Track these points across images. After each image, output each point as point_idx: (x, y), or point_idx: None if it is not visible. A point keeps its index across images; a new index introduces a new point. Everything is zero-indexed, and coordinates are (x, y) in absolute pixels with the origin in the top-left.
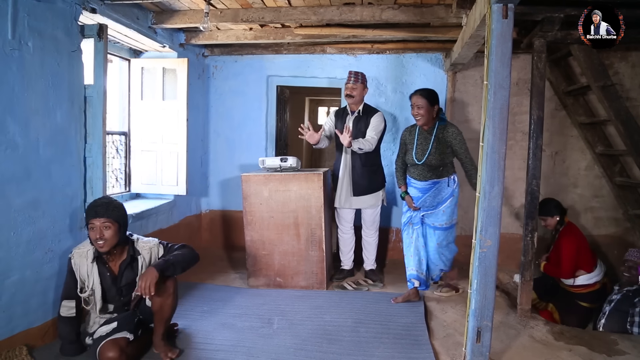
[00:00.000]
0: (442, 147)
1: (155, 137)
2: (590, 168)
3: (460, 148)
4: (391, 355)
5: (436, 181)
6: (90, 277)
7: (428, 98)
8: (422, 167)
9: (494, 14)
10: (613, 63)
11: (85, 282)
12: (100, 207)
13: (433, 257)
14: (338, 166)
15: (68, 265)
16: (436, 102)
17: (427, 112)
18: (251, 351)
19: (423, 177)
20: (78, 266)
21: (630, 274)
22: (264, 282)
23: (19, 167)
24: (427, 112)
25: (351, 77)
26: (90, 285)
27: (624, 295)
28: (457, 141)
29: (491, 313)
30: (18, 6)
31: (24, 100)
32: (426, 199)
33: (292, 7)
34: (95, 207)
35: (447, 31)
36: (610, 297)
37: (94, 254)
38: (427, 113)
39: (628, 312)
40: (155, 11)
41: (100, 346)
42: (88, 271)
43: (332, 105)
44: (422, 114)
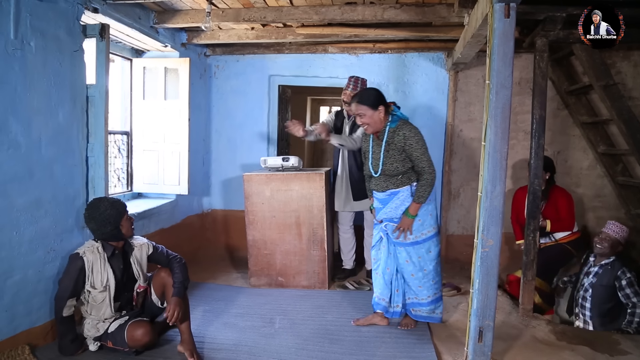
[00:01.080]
0: (395, 153)
1: (157, 137)
2: (592, 167)
3: (415, 151)
4: (393, 355)
5: (395, 191)
6: (104, 273)
7: (367, 102)
8: (379, 177)
9: (496, 13)
10: (615, 62)
11: (99, 278)
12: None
13: (408, 279)
14: (336, 169)
15: (77, 264)
16: (379, 102)
17: (371, 119)
18: (253, 350)
19: (381, 187)
20: (91, 263)
21: (602, 246)
22: (266, 281)
23: (22, 166)
24: (371, 119)
25: (350, 84)
26: (104, 281)
27: (604, 269)
28: (409, 144)
29: (493, 312)
30: (20, 6)
31: (27, 100)
32: (387, 212)
33: (293, 6)
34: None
35: (449, 30)
36: (587, 269)
37: (107, 249)
38: (371, 119)
39: (614, 285)
40: (157, 11)
41: (127, 329)
42: (101, 267)
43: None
44: (367, 122)
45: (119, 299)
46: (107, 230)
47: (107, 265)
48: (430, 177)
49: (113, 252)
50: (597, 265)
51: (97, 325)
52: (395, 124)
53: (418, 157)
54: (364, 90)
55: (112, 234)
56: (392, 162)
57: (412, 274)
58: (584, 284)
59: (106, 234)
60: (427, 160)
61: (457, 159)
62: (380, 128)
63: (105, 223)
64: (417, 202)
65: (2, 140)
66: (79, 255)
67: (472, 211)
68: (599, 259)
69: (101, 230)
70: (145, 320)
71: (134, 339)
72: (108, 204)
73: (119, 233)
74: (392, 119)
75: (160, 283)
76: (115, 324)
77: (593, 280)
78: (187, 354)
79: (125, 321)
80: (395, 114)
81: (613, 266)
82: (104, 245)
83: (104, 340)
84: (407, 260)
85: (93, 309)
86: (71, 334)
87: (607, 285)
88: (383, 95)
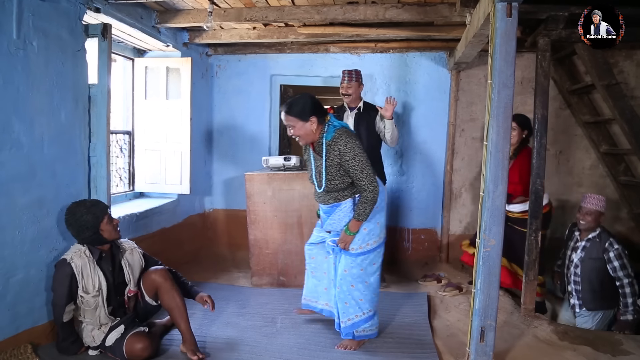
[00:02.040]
0: (333, 169)
1: (159, 136)
2: (594, 167)
3: (352, 168)
4: (394, 355)
5: (337, 204)
6: (95, 277)
7: (296, 113)
8: (321, 192)
9: (498, 12)
10: (618, 62)
11: (90, 282)
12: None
13: (340, 289)
14: None
15: (64, 270)
16: (311, 112)
17: (302, 130)
18: (255, 350)
19: (324, 200)
20: (80, 267)
21: (586, 221)
22: (268, 281)
23: (24, 166)
24: (302, 130)
25: (345, 77)
26: (96, 285)
27: (592, 242)
28: (345, 160)
29: (495, 312)
30: (23, 6)
31: (29, 100)
32: (331, 223)
33: (295, 6)
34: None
35: (450, 30)
36: (573, 244)
37: (94, 253)
38: (302, 131)
39: (603, 258)
40: (159, 10)
41: (125, 342)
42: (91, 271)
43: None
44: (298, 134)
45: (111, 303)
46: (87, 235)
47: (97, 268)
48: (371, 195)
49: (100, 255)
50: (584, 240)
51: (92, 333)
52: (331, 136)
53: (356, 174)
54: (295, 99)
55: (93, 238)
56: (331, 179)
57: (352, 285)
58: (573, 259)
59: (86, 239)
60: (367, 177)
61: (459, 158)
62: (315, 140)
63: (82, 229)
64: (358, 219)
65: (4, 139)
66: (66, 261)
67: (474, 211)
68: (584, 234)
69: (80, 235)
70: (144, 333)
71: (133, 354)
72: (85, 209)
73: (99, 237)
74: (328, 129)
75: (152, 285)
76: (112, 337)
77: (582, 255)
78: (190, 354)
79: (121, 333)
80: (331, 124)
81: (600, 238)
82: (90, 249)
83: (103, 351)
84: (345, 270)
85: (87, 314)
86: (72, 336)
87: (597, 258)
88: (318, 103)
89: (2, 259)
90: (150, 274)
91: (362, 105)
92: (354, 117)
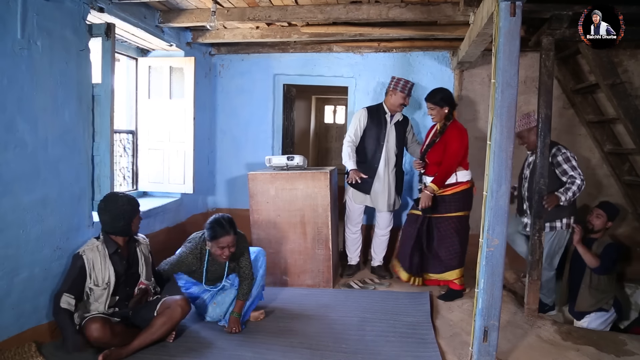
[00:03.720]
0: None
1: (163, 136)
2: (598, 167)
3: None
4: (397, 354)
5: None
6: (106, 270)
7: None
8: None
9: (502, 11)
10: (622, 61)
11: (101, 275)
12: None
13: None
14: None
15: (77, 262)
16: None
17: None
18: (257, 349)
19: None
20: (92, 261)
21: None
22: (271, 280)
23: (28, 165)
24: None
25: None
26: (106, 279)
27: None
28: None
29: (498, 312)
30: (27, 6)
31: (33, 99)
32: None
33: (298, 5)
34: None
35: (454, 29)
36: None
37: (109, 247)
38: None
39: (551, 163)
40: (163, 10)
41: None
42: (102, 265)
43: (338, 103)
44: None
45: (117, 293)
46: (119, 224)
47: (109, 262)
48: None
49: (116, 250)
50: (532, 155)
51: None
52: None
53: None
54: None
55: (123, 229)
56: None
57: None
58: (526, 176)
59: (117, 228)
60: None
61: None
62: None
63: (119, 217)
64: (242, 299)
65: (9, 139)
66: (79, 254)
67: (477, 210)
68: (529, 148)
69: (113, 223)
70: (102, 317)
71: (88, 334)
72: (126, 199)
73: (129, 229)
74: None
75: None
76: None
77: (531, 167)
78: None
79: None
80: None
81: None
82: (107, 242)
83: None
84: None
85: (90, 306)
86: (71, 326)
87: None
88: None
89: (6, 257)
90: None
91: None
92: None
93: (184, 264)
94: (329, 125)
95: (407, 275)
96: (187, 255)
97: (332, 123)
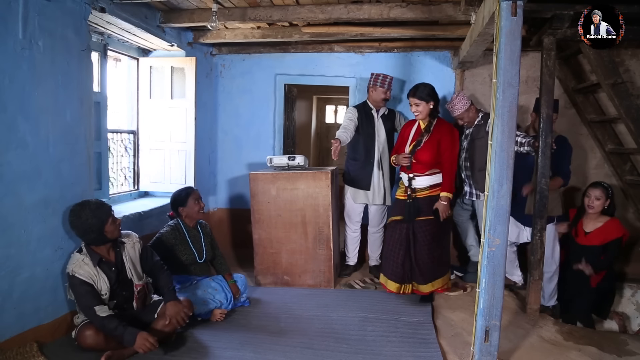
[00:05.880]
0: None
1: (164, 136)
2: (600, 166)
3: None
4: (398, 354)
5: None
6: (99, 281)
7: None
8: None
9: (503, 11)
10: (624, 60)
11: (99, 285)
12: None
13: None
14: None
15: (75, 281)
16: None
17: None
18: (258, 349)
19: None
20: (87, 274)
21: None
22: (272, 280)
23: (30, 165)
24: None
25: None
26: (103, 288)
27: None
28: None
29: (499, 312)
30: (29, 6)
31: (35, 99)
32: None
33: (299, 5)
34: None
35: (455, 29)
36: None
37: (93, 258)
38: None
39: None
40: (164, 10)
41: (78, 330)
42: (93, 276)
43: (339, 103)
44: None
45: (114, 298)
46: (91, 237)
47: (100, 271)
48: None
49: (100, 259)
50: (470, 128)
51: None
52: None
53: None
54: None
55: (96, 239)
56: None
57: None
58: (464, 147)
59: (90, 240)
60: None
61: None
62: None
63: (87, 231)
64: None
65: (10, 139)
66: (71, 275)
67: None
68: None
69: (85, 237)
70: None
71: (80, 341)
72: (90, 212)
73: (104, 238)
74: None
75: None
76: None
77: (469, 139)
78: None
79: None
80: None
81: (484, 120)
82: (90, 253)
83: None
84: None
85: None
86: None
87: (482, 137)
88: None
89: (8, 257)
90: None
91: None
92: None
93: (164, 241)
94: (330, 125)
95: (396, 285)
96: (164, 233)
97: (333, 123)
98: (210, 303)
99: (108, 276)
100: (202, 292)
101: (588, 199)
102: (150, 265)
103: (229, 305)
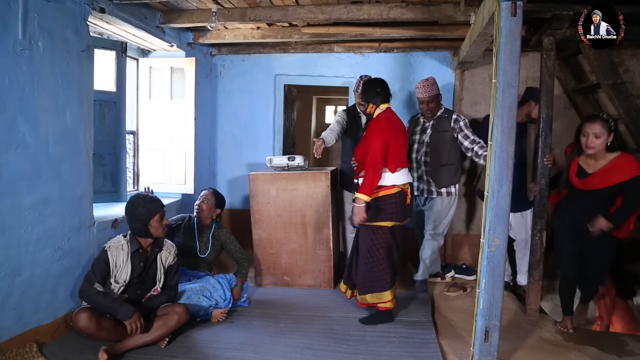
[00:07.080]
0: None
1: (164, 136)
2: None
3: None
4: (398, 354)
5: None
6: (124, 269)
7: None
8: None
9: (503, 11)
10: (623, 61)
11: (121, 274)
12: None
13: None
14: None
15: (102, 256)
16: (220, 205)
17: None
18: (258, 349)
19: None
20: (115, 257)
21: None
22: (272, 280)
23: (30, 166)
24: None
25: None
26: (123, 277)
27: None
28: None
29: (499, 312)
30: (28, 6)
31: (34, 100)
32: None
33: (299, 5)
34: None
35: (455, 29)
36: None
37: (132, 245)
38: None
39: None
40: (163, 10)
41: (77, 309)
42: (123, 263)
43: (339, 103)
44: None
45: (127, 292)
46: (136, 226)
47: (129, 262)
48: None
49: (137, 249)
50: (431, 120)
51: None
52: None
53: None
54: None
55: (140, 230)
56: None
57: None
58: (423, 141)
59: (135, 229)
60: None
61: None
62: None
63: (134, 219)
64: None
65: (10, 139)
66: (104, 249)
67: (478, 210)
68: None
69: (131, 224)
70: (90, 309)
71: (75, 323)
72: (142, 202)
73: (146, 231)
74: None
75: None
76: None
77: (431, 132)
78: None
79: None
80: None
81: (448, 114)
82: (131, 241)
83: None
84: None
85: None
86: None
87: (445, 131)
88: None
89: (7, 258)
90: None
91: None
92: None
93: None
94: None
95: (344, 286)
96: (174, 221)
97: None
98: (204, 300)
99: (133, 268)
100: (200, 288)
101: (585, 138)
102: (168, 281)
103: (228, 304)
